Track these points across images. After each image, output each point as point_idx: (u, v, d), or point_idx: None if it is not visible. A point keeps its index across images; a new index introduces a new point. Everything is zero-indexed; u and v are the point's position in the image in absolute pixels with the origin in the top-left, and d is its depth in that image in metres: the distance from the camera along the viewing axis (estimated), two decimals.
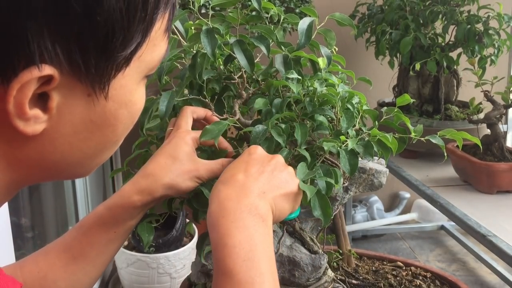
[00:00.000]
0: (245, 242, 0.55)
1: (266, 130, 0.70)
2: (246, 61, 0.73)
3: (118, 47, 0.40)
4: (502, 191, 1.61)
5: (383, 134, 0.73)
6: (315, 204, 0.67)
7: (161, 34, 0.45)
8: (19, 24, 0.36)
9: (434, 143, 0.75)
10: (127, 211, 0.66)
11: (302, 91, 0.75)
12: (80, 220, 0.68)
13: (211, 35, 0.72)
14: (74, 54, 0.38)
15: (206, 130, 0.69)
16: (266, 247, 0.57)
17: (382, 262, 1.09)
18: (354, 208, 2.61)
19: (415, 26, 1.83)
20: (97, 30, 0.38)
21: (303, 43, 0.75)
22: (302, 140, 0.70)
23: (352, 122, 0.75)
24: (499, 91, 1.64)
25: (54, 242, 0.67)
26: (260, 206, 0.59)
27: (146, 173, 0.66)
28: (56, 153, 0.43)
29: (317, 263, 0.81)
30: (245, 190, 0.59)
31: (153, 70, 0.47)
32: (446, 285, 1.01)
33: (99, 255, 0.66)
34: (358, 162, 0.70)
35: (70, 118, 0.42)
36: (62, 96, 0.40)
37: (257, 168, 0.62)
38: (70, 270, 0.64)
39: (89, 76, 0.40)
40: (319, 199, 0.67)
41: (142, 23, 0.41)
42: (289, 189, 0.63)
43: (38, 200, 1.65)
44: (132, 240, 1.87)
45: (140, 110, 0.48)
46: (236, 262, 0.54)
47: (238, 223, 0.57)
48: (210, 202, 0.60)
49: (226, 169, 0.63)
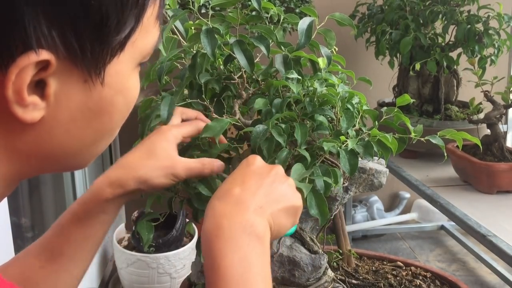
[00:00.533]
0: (239, 264, 0.53)
1: (266, 130, 0.69)
2: (246, 61, 0.73)
3: (113, 31, 0.41)
4: (502, 191, 1.61)
5: (383, 134, 0.73)
6: (311, 202, 0.67)
7: (153, 21, 0.46)
8: (15, 9, 0.37)
9: (434, 143, 0.75)
10: (99, 205, 0.64)
11: (302, 91, 0.75)
12: (57, 219, 0.66)
13: (211, 35, 0.72)
14: (70, 38, 0.39)
15: (207, 127, 0.70)
16: (262, 267, 0.54)
17: (382, 262, 1.09)
18: (354, 208, 2.61)
19: (415, 26, 1.83)
20: (92, 14, 0.39)
21: (303, 43, 0.75)
22: (302, 140, 0.70)
23: (352, 122, 0.75)
24: (499, 91, 1.64)
25: (33, 243, 0.66)
26: (256, 223, 0.56)
27: (119, 165, 0.65)
28: (53, 142, 0.44)
29: (317, 263, 0.81)
30: (240, 206, 0.56)
31: (146, 57, 0.48)
32: (446, 285, 1.01)
33: (77, 252, 0.64)
34: (358, 162, 0.70)
35: (67, 105, 0.42)
36: (59, 83, 0.41)
37: (255, 181, 0.59)
38: (50, 270, 0.63)
39: (85, 60, 0.41)
40: (316, 197, 0.67)
41: (135, 8, 0.42)
42: (289, 203, 0.60)
43: (38, 200, 1.65)
44: (132, 240, 1.88)
45: (135, 97, 0.49)
46: (230, 285, 0.52)
47: (232, 242, 0.54)
48: (205, 218, 0.57)
49: (223, 182, 0.61)
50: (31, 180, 1.53)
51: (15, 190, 0.48)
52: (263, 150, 0.70)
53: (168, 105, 0.73)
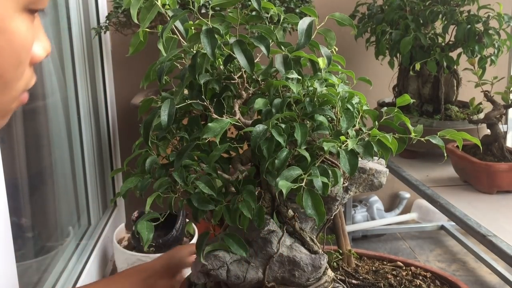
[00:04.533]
0: None
1: (266, 129, 0.70)
2: (246, 61, 0.73)
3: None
4: (502, 191, 1.61)
5: (383, 134, 0.73)
6: (308, 203, 0.67)
7: None
8: None
9: (434, 143, 0.76)
10: None
11: (302, 91, 0.75)
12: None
13: (211, 35, 0.72)
14: None
15: (208, 127, 0.70)
16: None
17: (382, 262, 1.09)
18: (354, 208, 2.61)
19: (415, 26, 1.83)
20: None
21: (303, 43, 0.75)
22: (302, 140, 0.70)
23: (352, 122, 0.75)
24: (499, 91, 1.64)
25: None
26: None
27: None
28: None
29: (317, 263, 0.81)
30: None
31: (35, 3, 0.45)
32: (446, 285, 1.01)
33: None
34: (358, 162, 0.70)
35: None
36: None
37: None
38: None
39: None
40: (312, 197, 0.67)
41: None
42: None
43: (38, 200, 1.65)
44: (132, 240, 1.88)
45: (24, 46, 0.46)
46: None
47: None
48: None
49: None
50: (31, 180, 1.53)
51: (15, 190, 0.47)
52: (263, 150, 0.70)
53: (168, 108, 0.73)
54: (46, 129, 1.70)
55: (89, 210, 2.08)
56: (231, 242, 0.78)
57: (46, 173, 1.71)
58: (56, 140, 1.78)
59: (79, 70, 2.00)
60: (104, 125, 2.28)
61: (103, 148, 2.28)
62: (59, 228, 1.80)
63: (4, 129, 1.37)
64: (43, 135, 1.69)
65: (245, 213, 0.72)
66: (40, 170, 1.67)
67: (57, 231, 1.78)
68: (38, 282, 1.48)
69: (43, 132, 1.68)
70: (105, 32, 1.98)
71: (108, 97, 2.31)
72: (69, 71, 1.92)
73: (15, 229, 1.17)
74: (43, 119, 1.69)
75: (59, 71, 1.81)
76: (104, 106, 2.28)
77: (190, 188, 0.73)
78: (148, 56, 1.52)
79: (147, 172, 0.80)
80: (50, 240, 1.71)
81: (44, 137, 1.69)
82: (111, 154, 2.34)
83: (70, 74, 1.93)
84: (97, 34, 1.99)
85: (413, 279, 1.02)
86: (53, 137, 1.75)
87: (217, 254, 0.79)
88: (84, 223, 2.04)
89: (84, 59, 2.08)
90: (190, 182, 0.73)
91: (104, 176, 2.29)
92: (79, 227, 1.98)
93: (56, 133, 1.79)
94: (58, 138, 1.80)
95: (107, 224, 2.16)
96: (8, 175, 1.11)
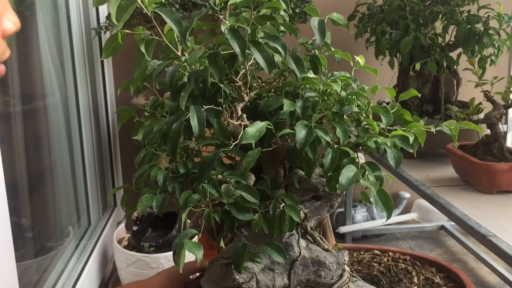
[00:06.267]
0: None
1: (311, 131, 0.69)
2: (264, 61, 0.72)
3: None
4: (502, 191, 1.61)
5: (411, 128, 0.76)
6: (377, 200, 0.69)
7: None
8: None
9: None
10: None
11: (339, 89, 0.77)
12: None
13: (237, 35, 0.71)
14: None
15: (246, 132, 0.68)
16: None
17: (359, 252, 1.10)
18: (354, 208, 2.61)
19: (415, 26, 1.83)
20: None
21: (318, 42, 0.75)
22: (344, 138, 0.71)
23: (391, 118, 0.76)
24: (499, 91, 1.64)
25: None
26: None
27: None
28: None
29: (341, 260, 0.81)
30: None
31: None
32: (427, 264, 1.04)
33: None
34: (402, 156, 0.72)
35: None
36: None
37: None
38: None
39: None
40: (380, 194, 0.70)
41: None
42: None
43: (38, 200, 1.65)
44: (132, 240, 1.87)
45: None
46: None
47: None
48: None
49: None
50: (31, 180, 1.53)
51: (15, 190, 0.47)
52: (308, 152, 0.69)
53: (197, 115, 0.70)
54: (46, 129, 1.70)
55: (89, 210, 2.08)
56: (270, 250, 0.75)
57: (46, 173, 1.71)
58: (56, 140, 1.78)
59: (79, 70, 2.00)
60: (104, 125, 2.28)
61: (103, 148, 2.28)
62: (59, 228, 1.80)
63: (4, 129, 1.37)
64: (43, 135, 1.69)
65: (294, 217, 0.72)
66: (40, 170, 1.67)
67: (57, 231, 1.78)
68: (38, 282, 1.47)
69: (43, 132, 1.68)
70: (105, 32, 1.98)
71: (108, 97, 2.31)
72: (69, 71, 1.92)
73: (15, 229, 1.17)
74: (43, 119, 1.69)
75: (59, 71, 1.81)
76: (104, 106, 2.28)
77: (226, 198, 0.70)
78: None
79: (161, 187, 0.76)
80: (50, 240, 1.70)
81: (44, 137, 1.69)
82: (111, 154, 2.34)
83: (70, 74, 1.93)
84: (97, 34, 1.99)
85: (396, 263, 1.03)
86: (53, 137, 1.75)
87: (246, 265, 0.77)
88: (84, 223, 2.04)
89: (84, 59, 2.08)
90: (226, 191, 0.70)
91: (104, 176, 2.29)
92: (79, 227, 1.98)
93: (56, 133, 1.78)
94: (58, 138, 1.80)
95: (107, 224, 2.16)
96: (8, 175, 1.11)
